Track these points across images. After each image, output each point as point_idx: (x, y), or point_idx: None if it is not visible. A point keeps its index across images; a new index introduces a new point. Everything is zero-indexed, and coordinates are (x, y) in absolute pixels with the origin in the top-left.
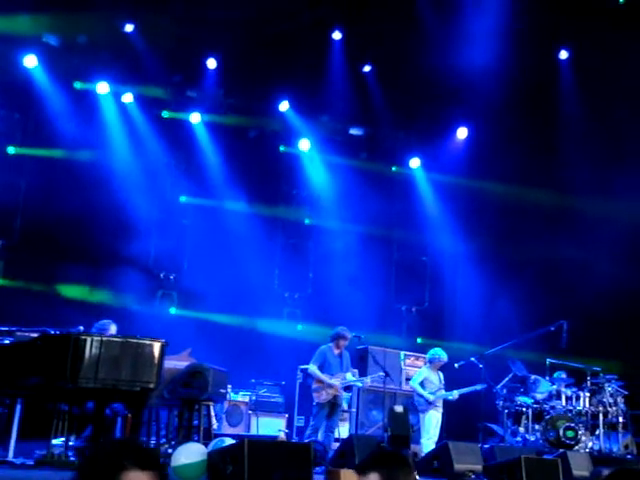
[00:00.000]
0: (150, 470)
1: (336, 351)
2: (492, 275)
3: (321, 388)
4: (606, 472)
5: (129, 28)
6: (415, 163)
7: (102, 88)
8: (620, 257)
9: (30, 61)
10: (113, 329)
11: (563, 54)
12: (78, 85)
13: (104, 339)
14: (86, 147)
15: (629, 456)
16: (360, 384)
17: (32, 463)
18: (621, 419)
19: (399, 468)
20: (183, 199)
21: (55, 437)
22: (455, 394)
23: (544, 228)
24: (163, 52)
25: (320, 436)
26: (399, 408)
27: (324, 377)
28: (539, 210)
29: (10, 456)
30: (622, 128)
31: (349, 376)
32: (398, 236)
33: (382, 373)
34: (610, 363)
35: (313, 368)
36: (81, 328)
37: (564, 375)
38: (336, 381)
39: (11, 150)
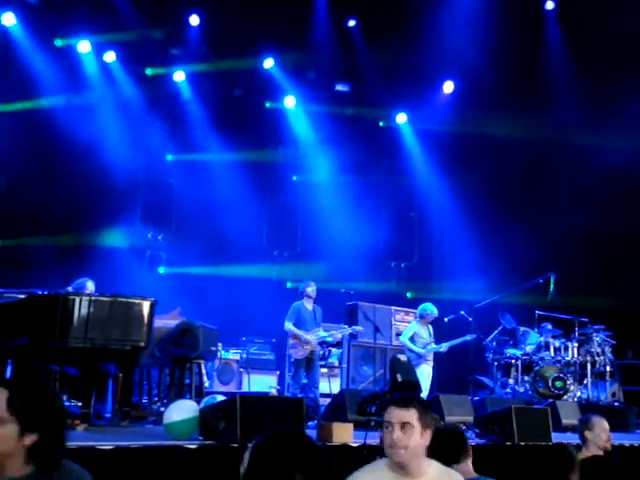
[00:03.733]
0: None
1: (309, 306)
2: (480, 229)
3: (298, 344)
4: (594, 418)
5: None
6: (402, 118)
7: (83, 46)
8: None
9: (8, 19)
10: (90, 286)
11: (549, 4)
12: (59, 43)
13: (93, 298)
14: (69, 107)
15: (616, 404)
16: (331, 339)
17: None
18: (608, 368)
19: (430, 412)
20: (169, 158)
21: None
22: (444, 347)
23: (532, 178)
24: (145, 9)
25: (306, 393)
26: (403, 357)
27: (300, 333)
28: (527, 160)
29: None
30: (611, 78)
31: (321, 332)
32: (386, 193)
33: (361, 328)
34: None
35: (289, 325)
36: (69, 289)
37: (550, 326)
38: (312, 337)
39: None
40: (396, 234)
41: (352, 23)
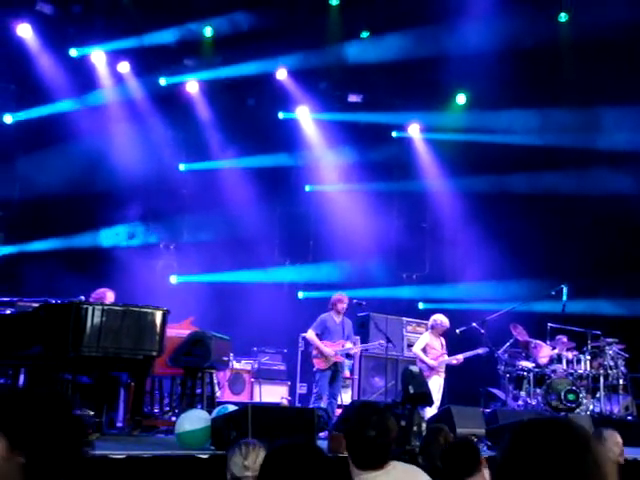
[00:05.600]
0: None
1: (337, 318)
2: (493, 239)
3: (319, 355)
4: (607, 432)
5: None
6: (415, 128)
7: (98, 56)
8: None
9: (24, 30)
10: (110, 296)
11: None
12: (73, 54)
13: (105, 308)
14: (83, 116)
15: (629, 417)
16: (354, 350)
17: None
18: (621, 381)
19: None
20: (183, 167)
21: None
22: (460, 358)
23: (548, 186)
24: (159, 19)
25: (324, 403)
26: (415, 368)
27: (319, 344)
28: (542, 167)
29: None
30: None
31: (348, 344)
32: (398, 203)
33: (382, 341)
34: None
35: (311, 334)
36: (82, 298)
37: (565, 339)
38: (330, 350)
39: (8, 119)
40: (408, 244)
41: (365, 35)
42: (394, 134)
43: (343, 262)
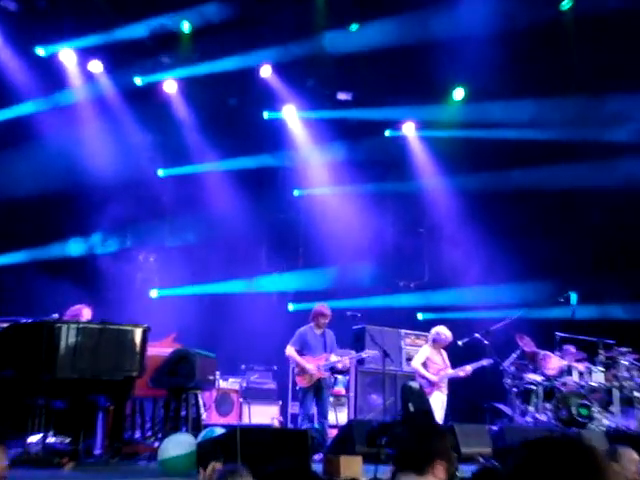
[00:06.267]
0: None
1: (317, 331)
2: (496, 245)
3: (301, 372)
4: (622, 449)
5: None
6: (410, 128)
7: (66, 55)
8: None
9: None
10: (87, 313)
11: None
12: (41, 53)
13: (81, 326)
14: (51, 119)
15: None
16: (340, 365)
17: (6, 463)
18: (637, 394)
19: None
20: (162, 173)
21: (32, 434)
22: (469, 369)
23: (553, 184)
24: (132, 14)
25: (314, 424)
26: (414, 384)
27: (299, 360)
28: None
29: None
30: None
31: (333, 357)
32: (393, 207)
33: (370, 351)
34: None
35: (290, 351)
36: (56, 316)
37: (573, 349)
38: (312, 365)
39: None
40: (404, 249)
41: (354, 28)
42: (387, 133)
43: (335, 270)
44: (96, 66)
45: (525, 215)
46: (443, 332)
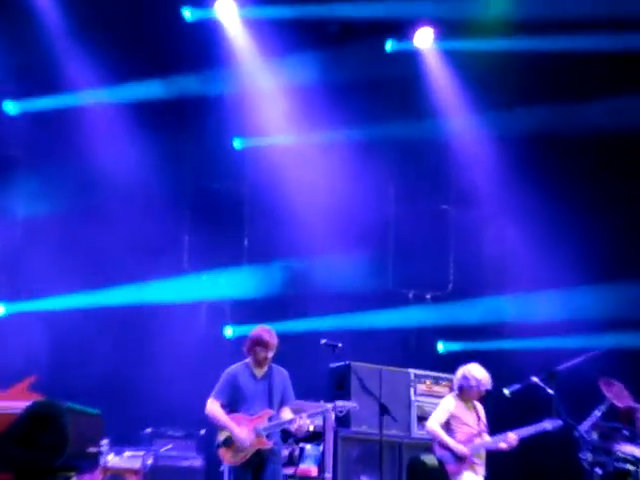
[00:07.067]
0: None
1: (257, 371)
2: (562, 222)
3: (228, 441)
4: None
5: None
6: (425, 36)
7: None
8: None
9: None
10: None
11: None
12: None
13: None
14: None
15: None
16: (296, 426)
17: None
18: None
19: None
20: (10, 108)
21: None
22: (514, 437)
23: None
24: None
25: None
26: (430, 458)
27: (225, 421)
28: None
29: None
30: None
31: (286, 413)
32: (397, 168)
33: (353, 404)
34: None
35: (211, 407)
36: None
37: None
38: (245, 430)
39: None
40: (417, 240)
41: None
42: (389, 45)
43: (302, 269)
44: None
45: (611, 175)
46: (477, 374)
